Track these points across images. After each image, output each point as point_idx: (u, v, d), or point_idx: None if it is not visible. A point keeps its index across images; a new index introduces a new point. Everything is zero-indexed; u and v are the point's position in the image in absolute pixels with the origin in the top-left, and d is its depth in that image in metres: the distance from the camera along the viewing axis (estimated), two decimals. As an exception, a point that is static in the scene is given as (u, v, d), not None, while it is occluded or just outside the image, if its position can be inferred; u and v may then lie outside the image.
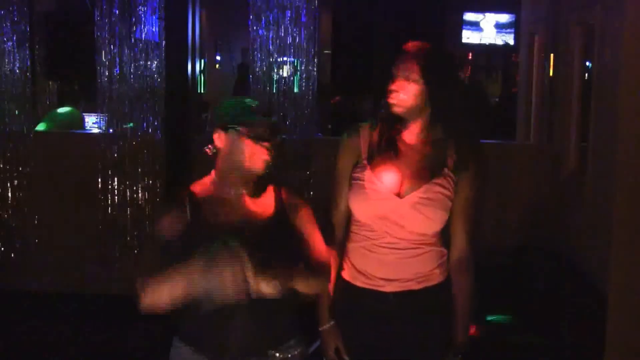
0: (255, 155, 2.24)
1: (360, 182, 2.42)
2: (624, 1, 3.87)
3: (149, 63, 5.16)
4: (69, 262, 5.41)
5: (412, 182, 2.39)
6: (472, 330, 2.57)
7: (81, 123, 6.73)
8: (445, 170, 2.42)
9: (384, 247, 2.42)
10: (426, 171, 2.41)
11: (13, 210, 5.41)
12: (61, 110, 6.85)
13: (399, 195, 2.38)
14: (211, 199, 2.29)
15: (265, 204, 2.31)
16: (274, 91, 5.28)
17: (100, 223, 5.27)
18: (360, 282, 2.47)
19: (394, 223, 2.40)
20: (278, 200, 2.33)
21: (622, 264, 3.76)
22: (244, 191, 2.30)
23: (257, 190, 2.32)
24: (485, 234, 5.34)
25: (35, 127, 6.01)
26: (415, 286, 2.43)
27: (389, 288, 2.43)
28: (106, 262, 5.25)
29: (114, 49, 5.13)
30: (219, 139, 2.27)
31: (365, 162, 2.44)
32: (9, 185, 5.37)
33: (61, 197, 5.46)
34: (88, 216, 5.32)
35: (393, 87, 2.37)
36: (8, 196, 5.38)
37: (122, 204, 5.28)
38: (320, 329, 2.53)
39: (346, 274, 2.51)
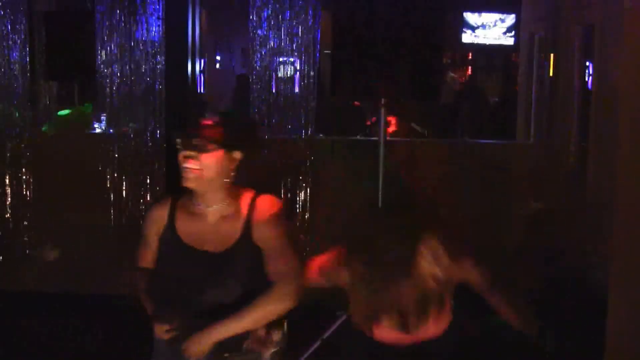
0: (185, 169, 2.28)
1: None
2: (624, 1, 3.87)
3: (149, 63, 5.16)
4: (70, 263, 5.41)
5: None
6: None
7: (90, 119, 6.76)
8: None
9: None
10: None
11: (13, 210, 5.41)
12: (61, 112, 6.86)
13: None
14: (186, 211, 2.37)
15: (234, 220, 2.30)
16: (274, 91, 5.27)
17: (100, 223, 5.27)
18: None
19: None
20: (248, 215, 2.29)
21: (622, 264, 3.76)
22: (213, 206, 2.31)
23: (225, 205, 2.32)
24: (484, 234, 5.33)
25: (34, 127, 6.01)
26: None
27: None
28: (106, 262, 5.24)
29: (114, 48, 5.13)
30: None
31: None
32: (8, 185, 5.36)
33: (62, 198, 5.45)
34: (88, 216, 5.31)
35: None
36: (8, 197, 5.37)
37: (122, 204, 5.28)
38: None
39: None
